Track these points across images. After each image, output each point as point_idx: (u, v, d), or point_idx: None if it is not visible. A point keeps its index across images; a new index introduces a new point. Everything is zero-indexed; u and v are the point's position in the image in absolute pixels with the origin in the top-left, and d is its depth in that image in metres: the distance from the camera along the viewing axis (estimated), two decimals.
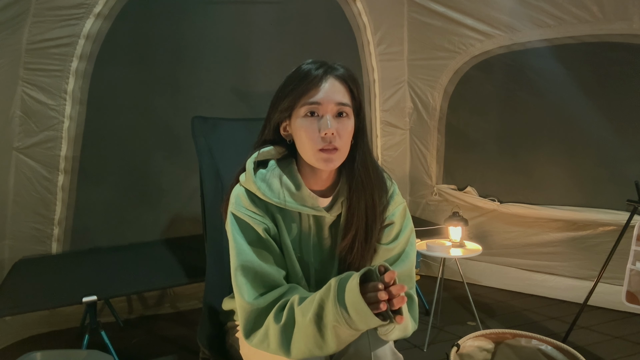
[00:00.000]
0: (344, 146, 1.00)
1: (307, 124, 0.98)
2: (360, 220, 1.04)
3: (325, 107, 0.98)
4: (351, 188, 1.05)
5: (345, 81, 1.01)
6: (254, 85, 2.62)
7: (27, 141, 2.18)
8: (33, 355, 1.42)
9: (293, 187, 1.04)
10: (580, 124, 2.55)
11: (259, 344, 0.96)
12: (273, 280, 1.00)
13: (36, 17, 2.06)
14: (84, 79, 2.24)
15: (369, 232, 1.05)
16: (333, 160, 0.99)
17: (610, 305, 2.50)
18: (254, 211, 1.03)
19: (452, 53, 2.86)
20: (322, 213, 1.05)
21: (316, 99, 0.98)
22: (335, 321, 0.86)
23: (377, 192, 1.06)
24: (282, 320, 0.92)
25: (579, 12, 2.36)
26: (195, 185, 1.57)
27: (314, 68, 1.00)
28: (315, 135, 0.97)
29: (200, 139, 1.48)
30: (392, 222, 1.09)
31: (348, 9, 2.84)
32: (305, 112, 0.99)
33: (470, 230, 2.82)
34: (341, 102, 0.99)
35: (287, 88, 1.01)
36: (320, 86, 0.98)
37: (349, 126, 1.00)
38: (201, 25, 2.46)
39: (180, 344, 2.25)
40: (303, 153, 1.02)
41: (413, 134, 3.19)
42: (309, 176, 1.06)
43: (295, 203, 1.03)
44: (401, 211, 1.11)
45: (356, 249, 1.05)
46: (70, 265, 2.16)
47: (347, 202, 1.05)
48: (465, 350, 1.56)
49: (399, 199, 1.12)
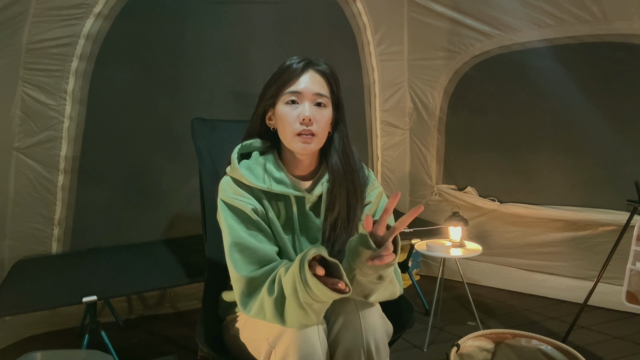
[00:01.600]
0: (321, 132, 1.10)
1: (288, 110, 1.09)
2: (342, 202, 1.14)
3: (305, 96, 1.09)
4: (332, 174, 1.15)
5: (324, 75, 1.13)
6: (253, 86, 2.58)
7: (27, 141, 2.18)
8: (33, 355, 1.42)
9: (275, 171, 1.13)
10: (580, 124, 2.55)
11: (255, 315, 1.02)
12: (266, 255, 1.07)
13: (36, 17, 2.06)
14: (84, 79, 2.24)
15: (351, 213, 1.15)
16: (310, 144, 1.08)
17: (610, 305, 2.50)
18: (241, 195, 1.10)
19: (452, 53, 2.87)
20: (304, 194, 1.14)
21: (296, 88, 1.09)
22: (305, 298, 0.93)
23: (357, 177, 1.16)
24: (274, 293, 0.98)
25: (579, 12, 2.36)
26: (195, 185, 1.58)
27: (296, 62, 1.12)
28: (294, 120, 1.08)
29: (200, 140, 1.49)
30: (369, 202, 1.20)
31: (348, 9, 2.84)
32: (287, 100, 1.10)
33: (470, 230, 2.82)
34: (319, 93, 1.10)
35: (272, 80, 1.13)
36: (301, 77, 1.10)
37: (326, 115, 1.11)
38: (201, 26, 2.46)
39: (180, 344, 2.26)
40: (283, 138, 1.12)
41: (413, 134, 3.19)
42: (291, 163, 1.16)
43: (278, 186, 1.12)
44: (378, 193, 1.22)
45: (339, 227, 1.14)
46: (70, 265, 2.16)
47: (329, 185, 1.15)
48: (465, 350, 1.56)
49: (376, 183, 1.24)
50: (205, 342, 1.22)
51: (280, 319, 0.98)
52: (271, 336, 1.02)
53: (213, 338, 1.26)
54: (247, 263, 1.05)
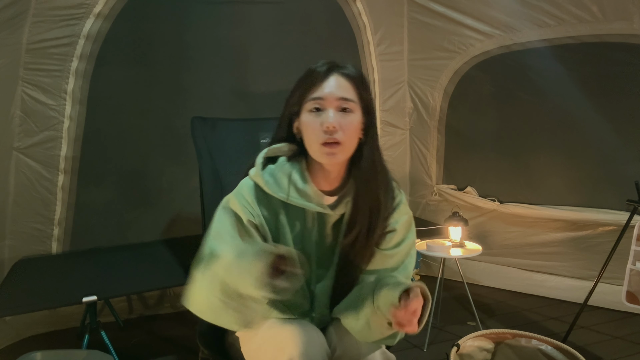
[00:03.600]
0: (348, 141, 1.00)
1: (311, 118, 1.01)
2: (364, 220, 1.05)
3: (328, 102, 1.00)
4: (357, 186, 1.05)
5: (350, 78, 1.02)
6: (253, 86, 2.62)
7: (27, 141, 2.18)
8: (33, 355, 1.42)
9: (300, 183, 1.04)
10: (580, 124, 2.54)
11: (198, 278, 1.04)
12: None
13: (36, 17, 2.06)
14: (84, 79, 2.24)
15: (370, 232, 1.05)
16: (336, 154, 0.99)
17: (610, 305, 2.50)
18: (249, 202, 1.05)
19: (452, 53, 2.86)
20: (326, 210, 1.05)
21: (319, 94, 1.00)
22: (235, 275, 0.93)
23: (382, 192, 1.06)
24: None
25: (579, 12, 2.36)
26: (195, 185, 1.58)
27: (320, 66, 1.03)
28: (318, 129, 0.99)
29: (200, 139, 1.49)
30: (394, 230, 1.09)
31: (348, 9, 2.84)
32: (311, 108, 1.01)
33: (470, 230, 2.82)
34: (344, 97, 1.00)
35: (296, 86, 1.05)
36: (324, 82, 1.01)
37: (353, 121, 1.01)
38: (201, 26, 2.46)
39: (180, 344, 2.25)
40: (309, 147, 1.03)
41: (413, 134, 3.19)
42: (318, 175, 1.07)
43: (300, 199, 1.04)
44: (406, 221, 1.11)
45: (357, 248, 1.06)
46: (70, 265, 2.16)
47: (353, 201, 1.06)
48: (465, 350, 1.56)
49: (405, 209, 1.12)
50: (206, 343, 1.22)
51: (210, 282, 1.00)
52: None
53: (214, 339, 1.26)
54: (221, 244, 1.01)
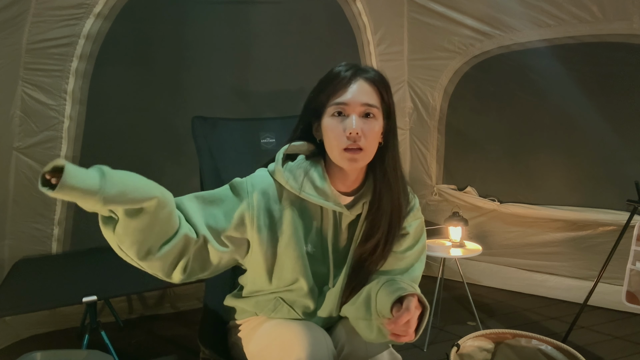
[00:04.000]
0: (370, 147, 1.00)
1: (334, 123, 1.00)
2: (386, 223, 1.05)
3: (352, 108, 0.99)
4: (379, 189, 1.05)
5: (374, 83, 1.02)
6: (254, 85, 2.62)
7: (27, 141, 2.18)
8: (33, 355, 1.42)
9: (318, 181, 1.04)
10: (580, 124, 2.55)
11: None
12: (200, 217, 1.00)
13: (36, 17, 2.06)
14: (84, 79, 2.24)
15: (390, 236, 1.06)
16: (357, 160, 0.99)
17: (610, 305, 2.50)
18: (257, 195, 1.03)
19: (452, 53, 2.86)
20: (343, 210, 1.05)
21: (343, 99, 0.99)
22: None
23: (402, 197, 1.07)
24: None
25: (579, 12, 2.36)
26: (196, 185, 1.57)
27: (344, 70, 1.02)
28: (340, 134, 0.99)
29: (201, 138, 1.48)
30: (407, 233, 1.10)
31: (348, 9, 2.84)
32: (333, 112, 1.00)
33: (470, 230, 2.82)
34: (367, 103, 1.00)
35: (318, 88, 1.04)
36: (348, 87, 1.00)
37: (375, 127, 1.01)
38: (201, 25, 2.46)
39: (180, 344, 2.26)
40: (330, 152, 1.03)
41: (413, 134, 3.19)
42: (337, 176, 1.07)
43: (317, 197, 1.04)
44: (418, 224, 1.12)
45: (377, 252, 1.06)
46: (70, 265, 2.16)
47: (375, 204, 1.06)
48: (465, 350, 1.56)
49: (418, 213, 1.13)
50: (207, 343, 1.22)
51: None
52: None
53: (215, 340, 1.26)
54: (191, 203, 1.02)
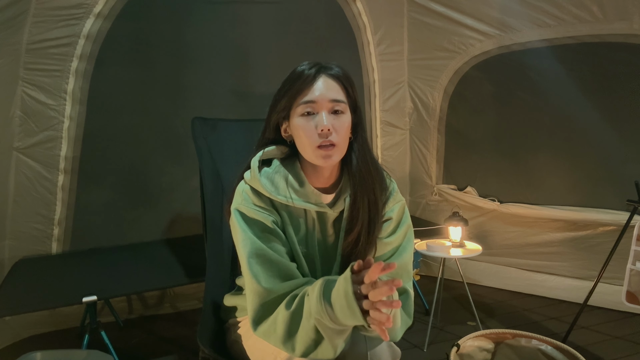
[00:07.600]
0: (342, 142, 1.02)
1: (304, 122, 1.01)
2: (364, 215, 1.06)
3: (320, 105, 1.01)
4: (354, 184, 1.07)
5: (338, 79, 1.04)
6: (253, 86, 2.62)
7: (27, 141, 2.18)
8: (33, 355, 1.42)
9: (297, 184, 1.06)
10: (580, 124, 2.54)
11: (264, 332, 0.96)
12: (287, 269, 1.01)
13: (36, 17, 2.06)
14: (84, 79, 2.24)
15: (371, 227, 1.07)
16: (331, 156, 1.01)
17: (610, 305, 2.50)
18: (262, 206, 1.05)
19: (452, 53, 2.86)
20: (326, 209, 1.07)
21: (310, 97, 1.01)
22: (317, 314, 0.87)
23: (377, 187, 1.08)
24: (292, 307, 0.93)
25: (579, 12, 2.36)
26: (195, 185, 1.57)
27: (307, 68, 1.03)
28: (312, 132, 1.00)
29: (200, 139, 1.48)
30: (390, 218, 1.11)
31: (348, 9, 2.84)
32: (302, 112, 1.01)
33: (470, 230, 2.82)
34: (335, 99, 1.01)
35: (283, 89, 1.05)
36: (313, 85, 1.01)
37: (345, 122, 1.03)
38: (201, 26, 2.46)
39: (180, 344, 2.25)
40: (303, 151, 1.04)
41: (413, 134, 3.19)
42: (312, 174, 1.08)
43: (300, 200, 1.05)
44: (400, 208, 1.13)
45: (361, 243, 1.07)
46: (70, 265, 2.16)
47: (351, 198, 1.07)
48: (465, 350, 1.56)
49: (398, 196, 1.15)
50: (206, 343, 1.22)
51: (289, 341, 0.92)
52: (281, 356, 0.99)
53: (214, 339, 1.26)
54: (269, 276, 0.98)
